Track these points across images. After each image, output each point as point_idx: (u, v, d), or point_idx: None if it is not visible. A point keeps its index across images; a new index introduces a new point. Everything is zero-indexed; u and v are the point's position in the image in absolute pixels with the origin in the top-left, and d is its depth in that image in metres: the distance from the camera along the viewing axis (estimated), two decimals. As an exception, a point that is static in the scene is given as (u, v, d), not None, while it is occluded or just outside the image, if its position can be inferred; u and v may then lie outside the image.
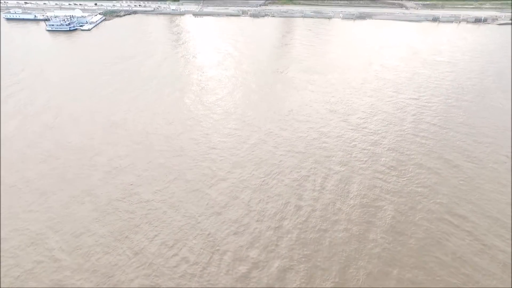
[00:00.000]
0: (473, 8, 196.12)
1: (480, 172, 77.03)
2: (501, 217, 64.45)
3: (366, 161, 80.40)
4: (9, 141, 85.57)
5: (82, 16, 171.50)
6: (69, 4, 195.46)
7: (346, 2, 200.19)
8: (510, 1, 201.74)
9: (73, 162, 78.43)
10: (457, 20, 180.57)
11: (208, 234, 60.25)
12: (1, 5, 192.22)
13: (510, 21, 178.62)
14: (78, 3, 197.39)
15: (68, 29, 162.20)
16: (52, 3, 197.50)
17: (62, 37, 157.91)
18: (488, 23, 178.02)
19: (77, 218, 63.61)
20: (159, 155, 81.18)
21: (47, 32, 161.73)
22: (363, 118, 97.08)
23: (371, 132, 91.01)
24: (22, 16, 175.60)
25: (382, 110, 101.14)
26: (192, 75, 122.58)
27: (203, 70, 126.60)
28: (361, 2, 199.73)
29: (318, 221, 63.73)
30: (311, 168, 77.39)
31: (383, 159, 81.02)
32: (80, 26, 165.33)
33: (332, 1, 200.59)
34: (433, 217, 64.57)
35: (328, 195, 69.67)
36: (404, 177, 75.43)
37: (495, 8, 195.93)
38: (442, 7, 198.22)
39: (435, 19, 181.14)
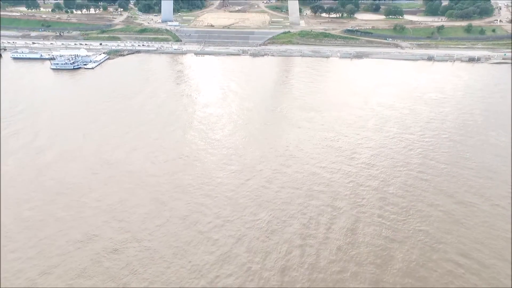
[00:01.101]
0: (466, 48, 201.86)
1: (486, 210, 74.23)
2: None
3: (366, 199, 77.91)
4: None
5: (86, 55, 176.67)
6: (75, 44, 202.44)
7: (343, 42, 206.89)
8: (501, 42, 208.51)
9: (61, 203, 75.92)
10: (451, 59, 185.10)
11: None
12: (10, 45, 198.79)
13: (502, 60, 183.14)
14: (84, 43, 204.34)
15: (72, 67, 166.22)
16: (59, 43, 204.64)
17: (65, 75, 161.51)
18: (482, 62, 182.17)
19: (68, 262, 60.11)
20: (152, 195, 78.77)
21: (51, 71, 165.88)
22: (361, 155, 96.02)
23: (369, 170, 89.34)
24: (28, 56, 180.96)
25: (380, 147, 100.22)
26: (191, 113, 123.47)
27: (201, 108, 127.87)
28: (357, 42, 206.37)
29: (325, 270, 59.91)
30: (310, 209, 74.68)
31: (383, 197, 78.51)
32: (84, 64, 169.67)
33: (330, 41, 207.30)
34: (444, 258, 61.36)
35: (332, 240, 66.27)
36: (409, 217, 72.44)
37: (487, 48, 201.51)
38: (436, 46, 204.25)
39: (430, 58, 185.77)
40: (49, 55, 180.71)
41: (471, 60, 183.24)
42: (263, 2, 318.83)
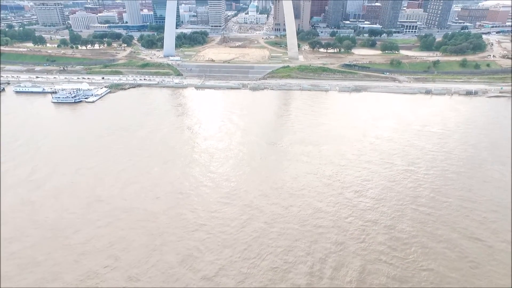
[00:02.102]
0: (462, 81, 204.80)
1: (486, 253, 70.20)
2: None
3: (364, 239, 74.32)
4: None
5: (88, 89, 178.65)
6: (78, 78, 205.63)
7: (341, 76, 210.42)
8: (496, 76, 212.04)
9: (46, 242, 72.09)
10: (449, 92, 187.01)
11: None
12: (14, 79, 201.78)
13: (500, 94, 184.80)
14: (86, 77, 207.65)
15: (73, 101, 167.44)
16: (62, 77, 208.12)
17: (66, 109, 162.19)
18: (479, 96, 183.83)
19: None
20: (141, 233, 75.09)
21: (52, 104, 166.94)
22: (359, 191, 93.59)
23: (371, 205, 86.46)
24: (31, 89, 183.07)
25: (379, 183, 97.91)
26: (189, 147, 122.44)
27: (201, 142, 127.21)
28: (355, 76, 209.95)
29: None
30: (313, 252, 70.58)
31: (382, 236, 75.00)
32: (85, 98, 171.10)
33: (328, 75, 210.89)
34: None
35: (326, 281, 61.82)
36: (406, 258, 68.35)
37: (483, 82, 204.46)
38: (433, 80, 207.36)
39: (428, 92, 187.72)
40: (51, 89, 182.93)
41: (469, 93, 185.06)
42: (262, 38, 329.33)
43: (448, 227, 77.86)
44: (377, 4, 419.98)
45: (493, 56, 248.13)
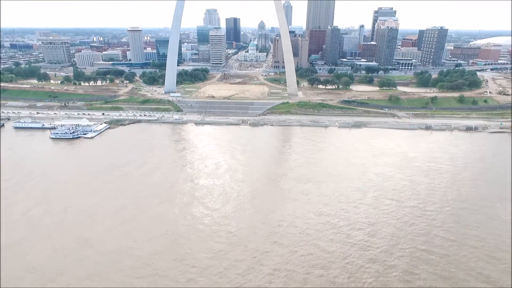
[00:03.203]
0: (461, 117, 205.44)
1: None
2: None
3: (369, 283, 68.60)
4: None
5: (87, 125, 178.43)
6: (78, 113, 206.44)
7: (340, 112, 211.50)
8: (495, 112, 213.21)
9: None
10: (449, 128, 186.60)
11: None
12: (14, 115, 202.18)
13: (500, 130, 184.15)
14: (87, 112, 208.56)
15: (71, 137, 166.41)
16: (62, 113, 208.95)
17: (63, 145, 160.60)
18: (479, 131, 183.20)
19: None
20: (129, 281, 69.64)
21: (50, 140, 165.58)
22: (360, 231, 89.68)
23: (370, 248, 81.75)
24: (30, 125, 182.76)
25: (380, 222, 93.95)
26: (184, 185, 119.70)
27: (196, 179, 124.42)
28: (355, 112, 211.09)
29: None
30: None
31: (387, 280, 69.34)
32: (83, 134, 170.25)
33: (328, 111, 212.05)
34: None
35: None
36: None
37: (482, 117, 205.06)
38: (432, 116, 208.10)
39: (428, 128, 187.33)
40: (50, 124, 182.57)
41: (469, 129, 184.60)
42: (262, 75, 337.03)
43: (449, 276, 73.01)
44: (372, 43, 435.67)
45: (490, 92, 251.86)
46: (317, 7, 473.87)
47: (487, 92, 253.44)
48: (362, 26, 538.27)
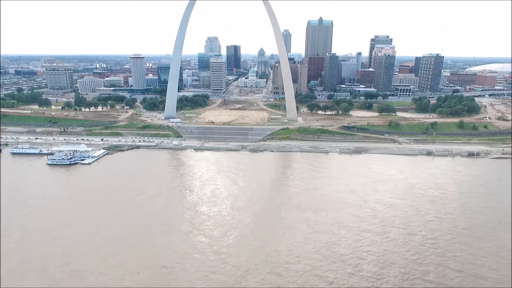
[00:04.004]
0: (462, 143, 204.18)
1: None
2: None
3: None
4: None
5: (85, 151, 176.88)
6: (77, 139, 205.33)
7: (341, 137, 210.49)
8: (496, 137, 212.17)
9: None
10: (451, 154, 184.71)
11: None
12: (13, 140, 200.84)
13: (502, 155, 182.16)
14: (86, 138, 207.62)
15: (68, 163, 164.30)
16: (61, 138, 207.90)
17: (60, 171, 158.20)
18: (482, 157, 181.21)
19: None
20: None
21: (47, 166, 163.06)
22: (362, 262, 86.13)
23: (373, 281, 77.31)
24: (28, 151, 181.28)
25: (383, 253, 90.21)
26: (180, 213, 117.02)
27: (193, 207, 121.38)
28: (355, 137, 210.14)
29: None
30: None
31: None
32: (81, 160, 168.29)
33: (328, 137, 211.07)
34: None
35: None
36: None
37: (483, 143, 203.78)
38: (433, 141, 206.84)
39: (430, 153, 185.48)
40: (48, 150, 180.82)
41: (471, 155, 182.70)
42: (262, 101, 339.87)
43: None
44: (370, 69, 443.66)
45: (489, 118, 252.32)
46: (315, 35, 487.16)
47: (486, 117, 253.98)
48: (359, 53, 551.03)
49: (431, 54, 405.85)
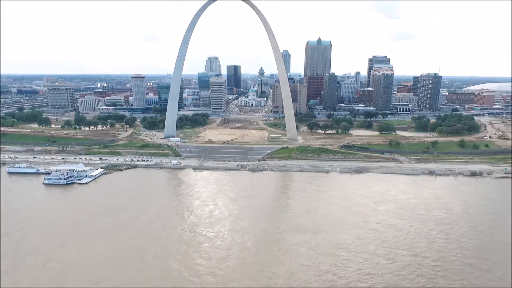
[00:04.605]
0: (464, 162, 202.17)
1: None
2: None
3: None
4: None
5: (83, 170, 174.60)
6: (75, 158, 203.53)
7: (341, 156, 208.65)
8: (497, 156, 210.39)
9: None
10: (453, 173, 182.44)
11: None
12: (10, 159, 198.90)
13: (505, 175, 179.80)
14: (84, 157, 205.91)
15: (65, 182, 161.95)
16: (59, 157, 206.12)
17: (56, 191, 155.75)
18: (484, 176, 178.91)
19: None
20: None
21: (43, 186, 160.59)
22: (364, 282, 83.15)
23: None
24: (24, 170, 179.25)
25: (386, 276, 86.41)
26: (178, 235, 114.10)
27: (192, 228, 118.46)
28: (355, 157, 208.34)
29: None
30: None
31: None
32: (78, 179, 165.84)
33: (328, 156, 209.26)
34: None
35: None
36: None
37: (485, 162, 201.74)
38: (435, 161, 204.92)
39: (432, 173, 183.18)
40: (45, 169, 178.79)
41: (473, 174, 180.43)
42: (262, 120, 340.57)
43: None
44: (369, 88, 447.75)
45: (490, 136, 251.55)
46: (314, 55, 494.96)
47: (486, 136, 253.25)
48: (358, 73, 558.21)
49: (429, 73, 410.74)
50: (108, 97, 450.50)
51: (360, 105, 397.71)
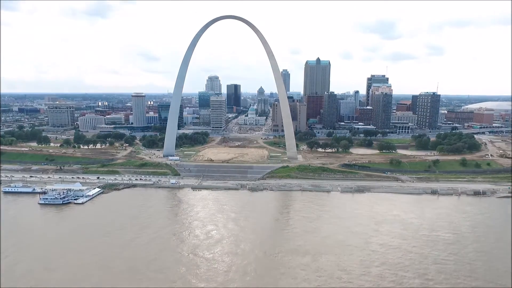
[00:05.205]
0: (467, 181, 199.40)
1: None
2: None
3: None
4: None
5: (80, 190, 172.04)
6: (72, 177, 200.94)
7: (342, 175, 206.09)
8: (500, 175, 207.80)
9: None
10: (456, 193, 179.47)
11: None
12: (7, 178, 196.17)
13: (509, 194, 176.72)
14: (81, 176, 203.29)
15: (61, 202, 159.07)
16: (57, 176, 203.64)
17: (51, 211, 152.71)
18: (488, 196, 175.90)
19: None
20: None
21: (38, 206, 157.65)
22: None
23: None
24: (20, 190, 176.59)
25: None
26: (176, 258, 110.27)
27: (190, 250, 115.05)
28: (356, 176, 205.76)
29: None
30: None
31: None
32: (74, 199, 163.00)
33: (329, 175, 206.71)
34: None
35: None
36: None
37: (488, 181, 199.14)
38: (437, 180, 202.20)
39: (434, 192, 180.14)
40: (41, 189, 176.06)
41: (477, 194, 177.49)
42: (261, 138, 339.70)
43: None
44: (368, 107, 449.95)
45: (491, 155, 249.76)
46: (313, 74, 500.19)
47: (488, 155, 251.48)
48: (357, 92, 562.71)
49: (427, 92, 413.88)
50: (108, 116, 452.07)
51: (359, 123, 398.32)
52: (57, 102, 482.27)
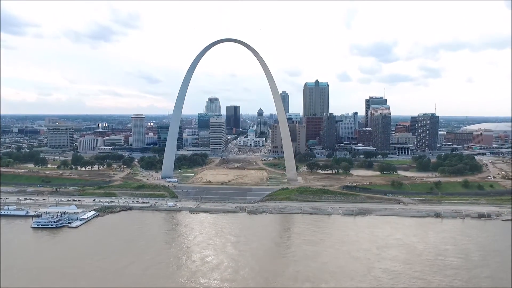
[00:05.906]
0: (470, 203, 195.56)
1: None
2: None
3: None
4: None
5: (74, 213, 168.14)
6: (68, 200, 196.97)
7: (343, 198, 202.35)
8: (504, 197, 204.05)
9: None
10: (460, 215, 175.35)
11: None
12: (1, 201, 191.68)
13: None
14: (77, 198, 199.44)
15: (55, 226, 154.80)
16: (52, 199, 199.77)
17: (44, 235, 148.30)
18: (493, 219, 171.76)
19: None
20: None
21: (31, 230, 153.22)
22: None
23: None
24: (13, 213, 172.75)
25: None
26: (175, 285, 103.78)
27: (188, 276, 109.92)
28: (357, 198, 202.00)
29: None
30: None
31: None
32: (68, 223, 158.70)
33: (329, 197, 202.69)
34: None
35: None
36: None
37: (492, 203, 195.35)
38: (440, 202, 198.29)
39: (438, 215, 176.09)
40: (35, 212, 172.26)
41: (481, 216, 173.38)
42: (261, 160, 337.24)
43: None
44: (367, 128, 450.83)
45: (493, 177, 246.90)
46: (312, 96, 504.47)
47: (490, 176, 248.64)
48: (356, 113, 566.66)
49: (426, 113, 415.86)
50: (107, 137, 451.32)
51: (359, 144, 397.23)
52: (57, 124, 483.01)
